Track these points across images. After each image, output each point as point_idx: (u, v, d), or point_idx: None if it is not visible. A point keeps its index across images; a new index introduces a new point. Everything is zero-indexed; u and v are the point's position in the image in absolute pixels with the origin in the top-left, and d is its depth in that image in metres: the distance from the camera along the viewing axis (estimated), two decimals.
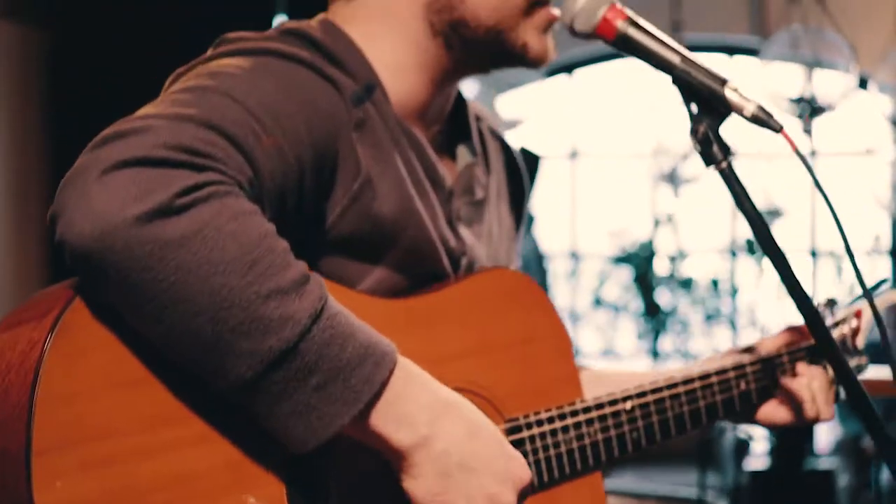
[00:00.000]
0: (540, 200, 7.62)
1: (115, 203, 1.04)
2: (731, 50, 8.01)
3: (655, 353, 7.99)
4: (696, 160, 5.90)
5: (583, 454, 1.42)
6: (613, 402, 1.47)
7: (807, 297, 1.38)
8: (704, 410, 1.55)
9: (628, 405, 1.48)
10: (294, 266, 1.12)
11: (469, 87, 6.88)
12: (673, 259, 7.94)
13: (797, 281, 1.37)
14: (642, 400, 1.49)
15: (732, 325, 8.05)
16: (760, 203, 7.92)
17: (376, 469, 1.21)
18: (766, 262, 7.77)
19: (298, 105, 1.24)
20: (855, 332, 1.75)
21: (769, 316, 7.68)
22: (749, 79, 7.03)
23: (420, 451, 1.18)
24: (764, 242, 1.38)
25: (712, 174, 1.41)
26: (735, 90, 1.38)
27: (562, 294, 7.98)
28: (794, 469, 6.83)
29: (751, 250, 7.85)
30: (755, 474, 6.74)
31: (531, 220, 7.36)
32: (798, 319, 1.49)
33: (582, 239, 8.37)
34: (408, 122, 1.40)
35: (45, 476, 1.02)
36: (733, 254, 7.96)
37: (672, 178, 7.26)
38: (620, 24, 1.41)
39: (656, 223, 7.90)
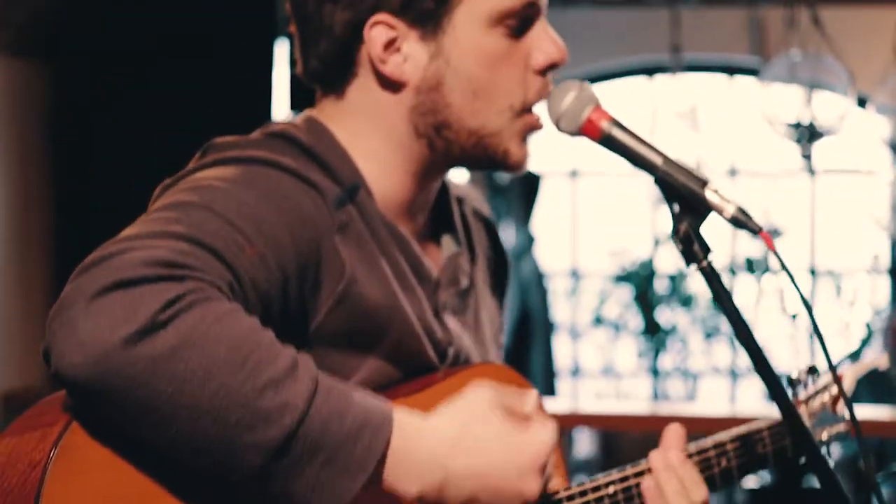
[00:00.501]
0: (541, 219, 7.67)
1: (103, 330, 1.08)
2: (732, 70, 8.05)
3: (655, 372, 8.04)
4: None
5: None
6: (596, 489, 1.51)
7: (781, 388, 1.42)
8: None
9: (611, 489, 1.52)
10: (282, 354, 1.17)
11: None
12: (673, 278, 7.98)
13: (773, 372, 1.42)
14: (625, 484, 1.53)
15: (732, 343, 8.09)
16: (760, 222, 7.93)
17: None
18: (766, 280, 7.81)
19: (281, 213, 1.28)
20: (836, 399, 1.77)
21: (768, 334, 7.73)
22: (748, 101, 7.07)
23: (442, 493, 1.25)
24: (741, 336, 1.42)
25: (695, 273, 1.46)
26: (715, 191, 1.41)
27: (562, 312, 8.03)
28: (793, 486, 6.91)
29: (750, 269, 7.89)
30: (754, 492, 6.81)
31: (531, 241, 7.43)
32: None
33: (582, 258, 8.42)
34: (393, 216, 1.44)
35: None
36: (733, 272, 8.00)
37: None
38: (605, 125, 1.44)
39: (656, 242, 7.95)
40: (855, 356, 1.87)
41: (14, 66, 4.34)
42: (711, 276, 1.43)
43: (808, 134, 6.68)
